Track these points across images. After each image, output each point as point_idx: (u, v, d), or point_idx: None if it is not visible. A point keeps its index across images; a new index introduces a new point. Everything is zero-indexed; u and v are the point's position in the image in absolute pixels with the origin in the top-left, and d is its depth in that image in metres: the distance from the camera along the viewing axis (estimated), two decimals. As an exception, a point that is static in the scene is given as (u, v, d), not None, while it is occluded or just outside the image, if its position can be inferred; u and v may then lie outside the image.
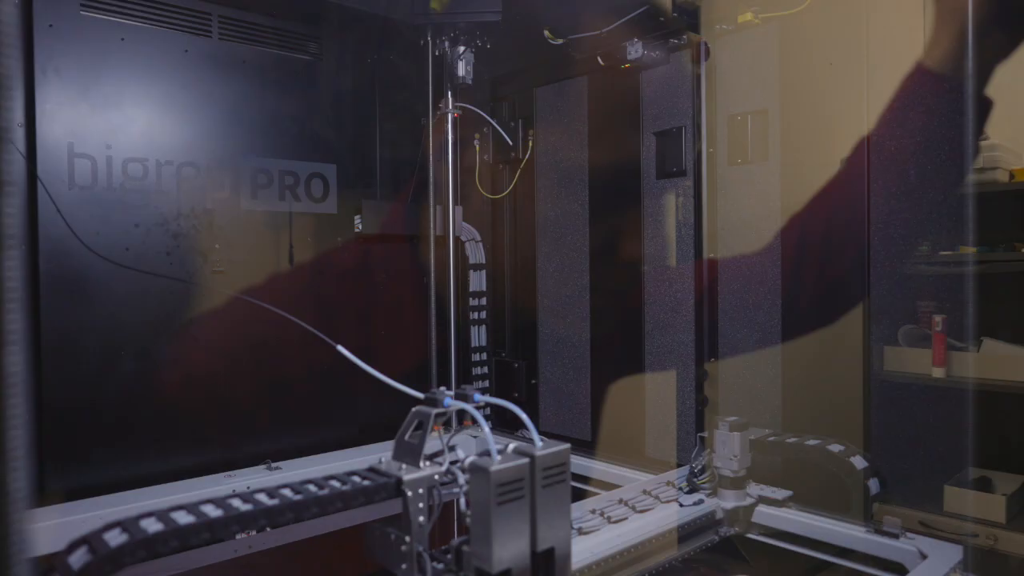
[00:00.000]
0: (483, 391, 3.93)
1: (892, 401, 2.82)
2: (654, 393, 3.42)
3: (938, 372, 2.80)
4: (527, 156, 4.03)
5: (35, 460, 2.60)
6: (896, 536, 2.40)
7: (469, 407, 1.98)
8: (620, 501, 2.64)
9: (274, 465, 3.17)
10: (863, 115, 2.81)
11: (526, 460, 1.80)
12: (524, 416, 2.00)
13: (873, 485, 2.65)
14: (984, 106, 2.76)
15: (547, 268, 3.97)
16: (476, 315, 4.12)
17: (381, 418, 3.69)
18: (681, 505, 2.65)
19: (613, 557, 2.30)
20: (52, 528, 2.49)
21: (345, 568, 2.08)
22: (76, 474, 2.82)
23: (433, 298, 3.85)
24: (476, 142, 4.15)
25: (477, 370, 4.13)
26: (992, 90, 2.74)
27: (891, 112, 2.77)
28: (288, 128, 3.46)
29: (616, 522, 2.46)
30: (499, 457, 1.80)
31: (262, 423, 3.34)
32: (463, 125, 3.97)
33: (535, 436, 1.95)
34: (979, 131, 2.81)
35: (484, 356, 4.15)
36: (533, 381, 4.01)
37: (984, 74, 2.69)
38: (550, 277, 3.95)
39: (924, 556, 2.29)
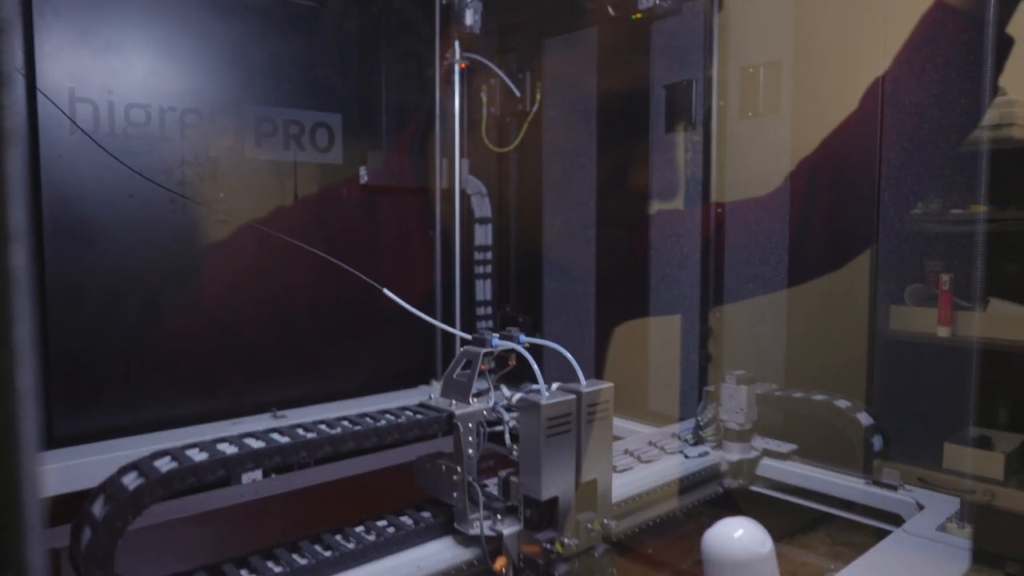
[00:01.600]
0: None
1: (896, 359, 2.82)
2: (658, 348, 3.43)
3: (943, 331, 2.79)
4: (535, 109, 3.97)
5: (44, 404, 2.64)
6: (895, 488, 2.43)
7: (517, 346, 1.99)
8: (626, 452, 2.66)
9: (280, 413, 3.21)
10: (879, 58, 2.73)
11: (573, 396, 1.88)
12: (570, 356, 2.03)
13: (876, 442, 2.67)
14: (1005, 45, 2.68)
15: (553, 222, 3.95)
16: (481, 269, 4.11)
17: (387, 369, 3.72)
18: (686, 457, 2.68)
19: (617, 505, 2.32)
20: (62, 470, 2.54)
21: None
22: (84, 419, 2.86)
23: (439, 251, 3.85)
24: (483, 94, 4.09)
25: (482, 324, 4.15)
26: (1014, 28, 2.64)
27: (908, 51, 2.70)
28: (292, 76, 3.41)
29: (621, 471, 2.48)
30: (547, 393, 1.86)
31: (268, 372, 3.36)
32: (470, 76, 3.90)
33: (580, 376, 1.96)
34: (997, 75, 2.74)
35: (489, 310, 4.15)
36: (537, 334, 4.03)
37: (1007, 11, 2.60)
38: (556, 232, 3.93)
39: (921, 507, 2.32)
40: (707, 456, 2.71)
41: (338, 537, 1.86)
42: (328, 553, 1.78)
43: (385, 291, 2.15)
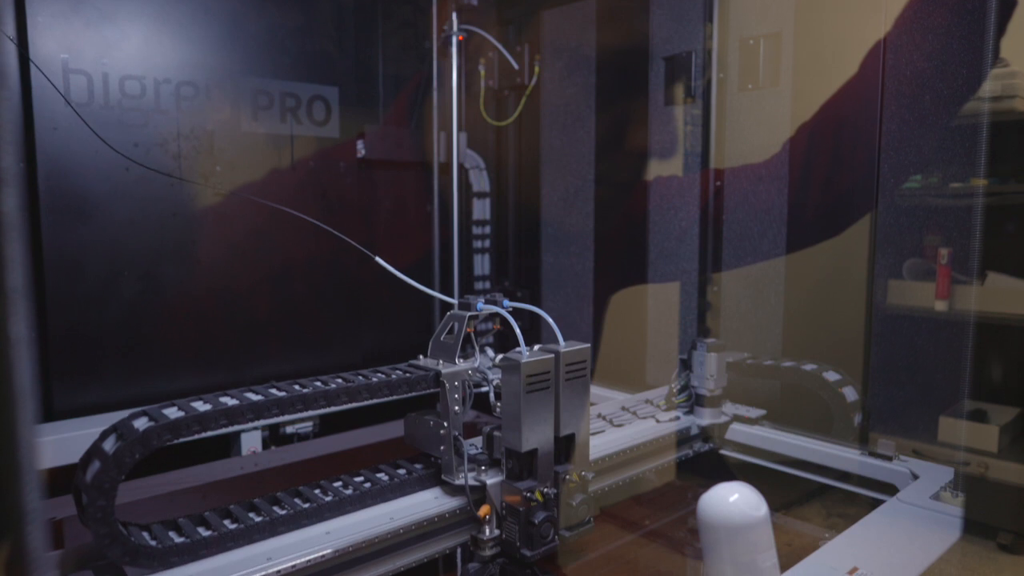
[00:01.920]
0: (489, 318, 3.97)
1: (893, 334, 2.83)
2: (656, 322, 3.44)
3: (941, 305, 2.79)
4: (533, 82, 3.93)
5: (43, 378, 2.64)
6: (889, 458, 2.45)
7: (500, 310, 2.10)
8: (599, 416, 2.73)
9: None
10: (880, 24, 2.70)
11: (551, 355, 1.99)
12: (549, 319, 2.15)
13: (857, 418, 2.72)
14: (1008, 5, 2.65)
15: (552, 197, 3.93)
16: (480, 243, 4.11)
17: (387, 343, 3.73)
18: (658, 421, 2.72)
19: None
20: (61, 442, 2.55)
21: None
22: (84, 393, 2.87)
23: (437, 226, 3.83)
24: (481, 67, 4.05)
25: (480, 299, 4.15)
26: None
27: (909, 16, 2.66)
28: (289, 48, 3.37)
29: (594, 434, 2.55)
30: (527, 353, 1.96)
31: (268, 344, 3.37)
32: (467, 49, 3.86)
33: (559, 336, 2.07)
34: (999, 37, 2.70)
35: (487, 284, 4.15)
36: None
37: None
38: (554, 206, 3.92)
39: (916, 477, 2.34)
40: (678, 421, 2.77)
41: (337, 484, 1.98)
42: (328, 498, 1.89)
43: (377, 259, 2.22)
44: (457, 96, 3.76)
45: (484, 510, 1.98)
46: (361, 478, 2.05)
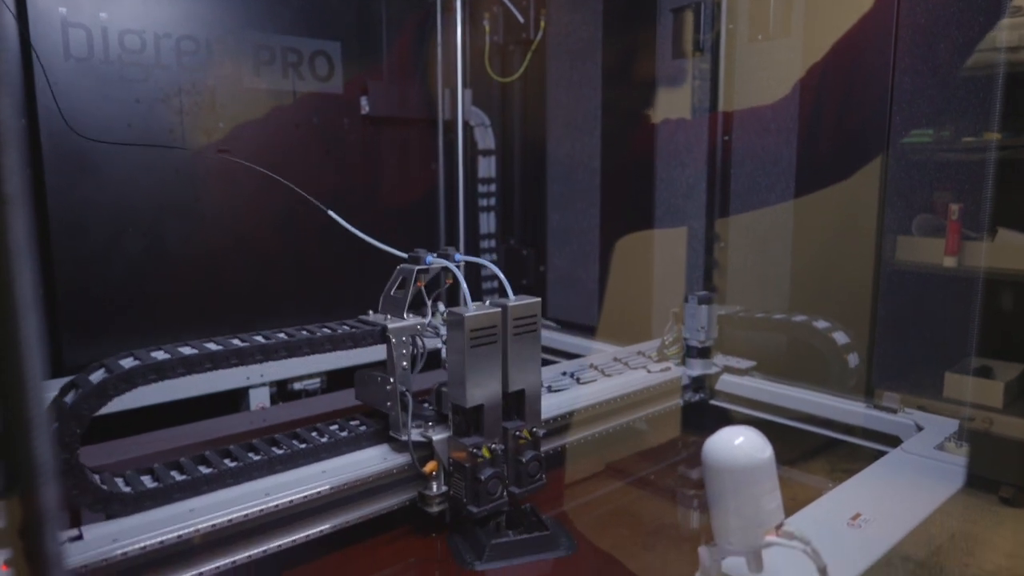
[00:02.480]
0: (490, 278, 3.96)
1: (900, 290, 2.81)
2: (662, 279, 3.43)
3: (950, 261, 2.77)
4: (539, 37, 3.86)
5: (52, 334, 2.66)
6: (894, 411, 2.46)
7: (449, 264, 2.07)
8: (591, 366, 2.76)
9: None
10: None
11: (498, 309, 1.97)
12: (499, 272, 2.13)
13: (852, 359, 2.72)
14: None
15: (557, 154, 3.89)
16: (485, 202, 4.08)
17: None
18: (649, 372, 2.74)
19: (579, 412, 2.44)
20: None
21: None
22: (92, 348, 2.89)
23: (442, 184, 3.81)
24: (485, 21, 3.97)
25: (487, 257, 4.14)
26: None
27: None
28: (290, 1, 3.31)
29: (585, 383, 2.58)
30: (474, 307, 1.94)
31: (273, 300, 3.38)
32: (472, 2, 3.79)
33: (508, 291, 2.05)
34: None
35: (493, 243, 4.14)
36: (541, 268, 4.02)
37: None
38: (560, 163, 3.88)
39: (920, 428, 2.35)
40: (669, 371, 2.78)
41: (294, 441, 1.99)
42: (279, 451, 1.92)
43: (330, 213, 2.20)
44: (461, 52, 3.70)
45: (430, 466, 1.97)
46: (315, 432, 2.06)
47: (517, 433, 1.99)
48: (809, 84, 2.92)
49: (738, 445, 1.27)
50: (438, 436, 2.00)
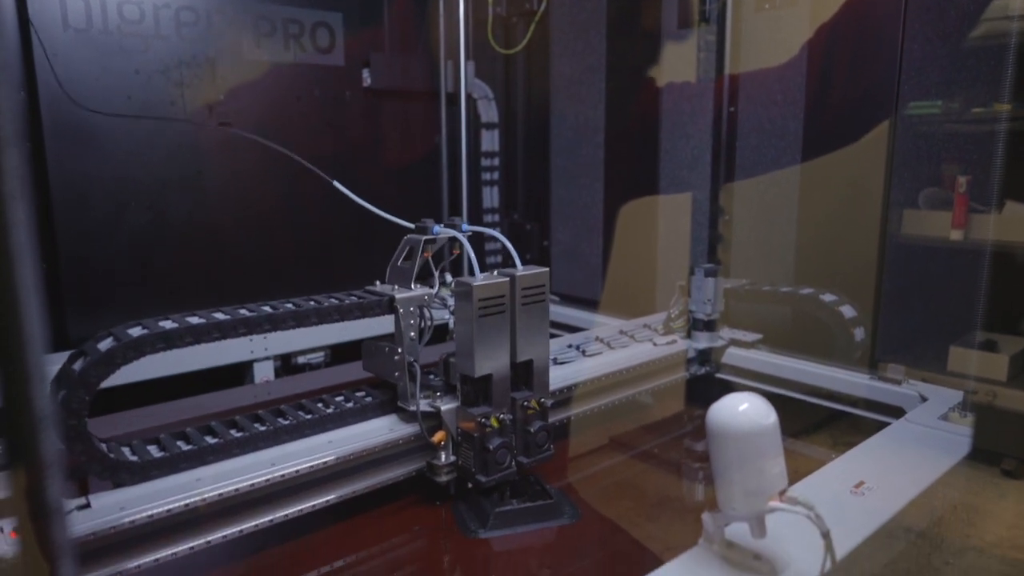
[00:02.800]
0: (495, 252, 3.95)
1: (906, 264, 2.80)
2: (666, 252, 3.41)
3: (956, 235, 2.74)
4: (542, 8, 3.81)
5: (57, 308, 2.66)
6: (898, 382, 2.46)
7: (457, 234, 2.06)
8: (597, 339, 2.75)
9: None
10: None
11: (506, 279, 1.95)
12: (506, 241, 2.13)
13: (859, 333, 2.72)
14: None
15: (561, 127, 3.86)
16: (488, 175, 4.05)
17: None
18: (655, 344, 2.73)
19: (584, 384, 2.43)
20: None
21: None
22: (97, 322, 2.89)
23: (445, 157, 3.78)
24: (489, -8, 3.92)
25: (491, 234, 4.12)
26: None
27: None
28: (290, -30, 3.27)
29: (591, 355, 2.58)
30: (482, 277, 1.93)
31: (277, 272, 3.37)
32: (475, -28, 3.73)
33: (516, 260, 2.04)
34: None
35: (496, 218, 4.12)
36: (545, 243, 4.01)
37: None
38: (564, 136, 3.85)
39: (924, 399, 2.35)
40: (675, 344, 2.77)
41: (300, 412, 2.00)
42: (286, 421, 1.92)
43: (335, 184, 2.17)
44: (464, 23, 3.65)
45: (439, 436, 1.97)
46: (322, 404, 2.06)
47: (525, 403, 1.98)
48: (816, 54, 2.88)
49: (743, 411, 1.26)
50: (446, 406, 2.00)
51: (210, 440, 1.82)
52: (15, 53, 2.65)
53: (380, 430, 1.99)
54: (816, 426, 2.68)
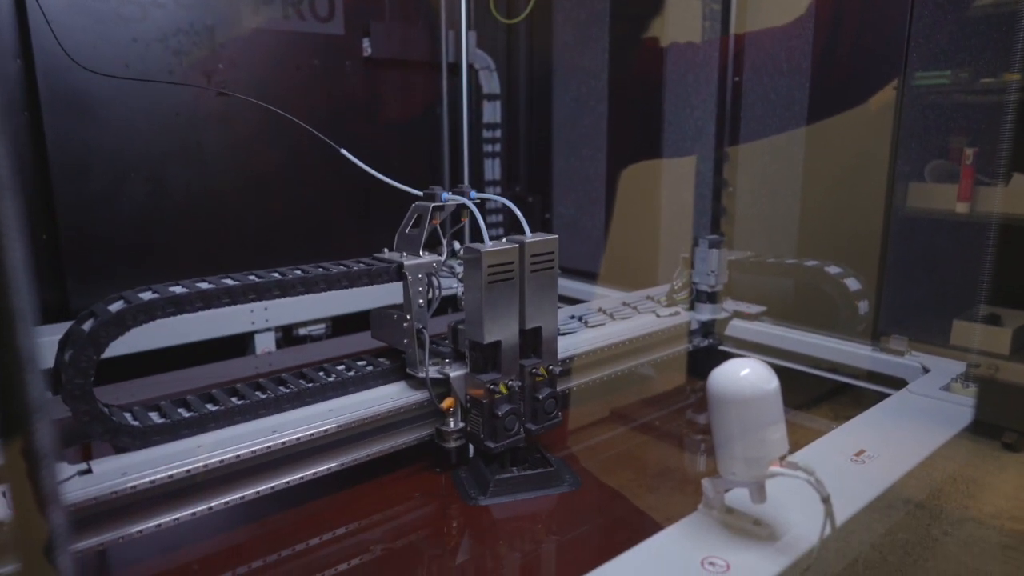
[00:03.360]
0: (497, 225, 3.93)
1: (910, 237, 2.77)
2: (669, 224, 3.39)
3: (962, 208, 2.72)
4: (545, -24, 3.75)
5: (58, 279, 2.65)
6: (901, 354, 2.45)
7: (466, 200, 2.04)
8: (599, 310, 2.74)
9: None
10: None
11: (516, 245, 1.93)
12: (515, 208, 2.10)
13: (863, 307, 2.70)
14: None
15: (564, 98, 3.81)
16: (490, 148, 4.01)
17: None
18: (658, 316, 2.73)
19: (586, 354, 2.43)
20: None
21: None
22: (99, 293, 2.88)
23: (446, 129, 3.74)
24: (490, -41, 3.85)
25: (491, 204, 4.10)
26: None
27: None
28: (287, -64, 3.21)
29: (593, 326, 2.57)
30: (492, 243, 1.91)
31: (278, 242, 3.36)
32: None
33: (526, 227, 2.02)
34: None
35: (498, 190, 4.09)
36: (547, 215, 3.99)
37: None
38: (567, 107, 3.80)
39: (926, 370, 2.34)
40: (678, 316, 2.77)
41: (301, 381, 1.99)
42: (290, 389, 1.92)
43: (342, 151, 2.15)
44: (466, -9, 3.59)
45: (448, 403, 1.98)
46: (322, 373, 2.06)
47: (534, 370, 1.98)
48: (823, 21, 2.83)
49: (744, 376, 1.26)
50: (455, 373, 2.00)
51: (211, 407, 1.82)
52: (10, 21, 2.61)
53: (384, 398, 1.99)
54: (818, 399, 2.68)
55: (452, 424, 2.01)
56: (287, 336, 3.23)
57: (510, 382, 1.93)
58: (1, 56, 2.62)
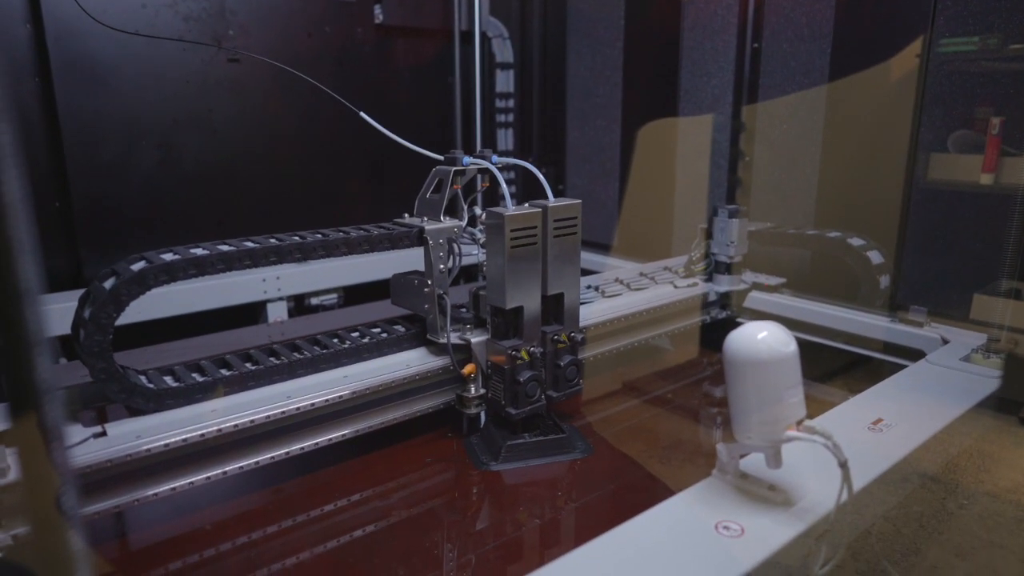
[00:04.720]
0: (512, 196, 3.90)
1: (932, 208, 2.72)
2: (684, 195, 3.34)
3: (986, 179, 2.65)
4: (560, -59, 3.67)
5: (71, 247, 2.65)
6: (920, 325, 2.41)
7: (488, 164, 2.01)
8: (617, 280, 2.71)
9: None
10: None
11: (539, 209, 1.90)
12: (539, 173, 2.07)
13: (884, 280, 2.67)
14: None
15: (578, 67, 3.75)
16: (503, 117, 3.97)
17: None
18: (675, 287, 2.70)
19: (603, 324, 2.40)
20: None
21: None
22: (111, 260, 2.89)
23: (459, 98, 3.70)
24: (504, -76, 3.77)
25: (504, 175, 4.06)
26: None
27: None
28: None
29: (610, 296, 2.54)
30: (514, 207, 1.88)
31: (291, 210, 3.35)
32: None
33: (549, 193, 1.99)
34: None
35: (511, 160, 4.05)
36: (561, 187, 3.95)
37: None
38: (581, 76, 3.74)
39: (946, 341, 2.31)
40: (696, 287, 2.73)
41: (315, 347, 1.99)
42: (305, 355, 1.92)
43: (361, 114, 2.12)
44: (479, -43, 3.53)
45: (469, 368, 1.96)
46: (336, 340, 2.05)
47: (556, 337, 1.95)
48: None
49: (762, 339, 1.23)
50: (476, 339, 1.98)
51: (225, 372, 1.82)
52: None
53: (400, 364, 1.98)
54: (836, 371, 2.65)
55: (473, 390, 2.00)
56: (299, 306, 3.23)
57: (532, 348, 1.91)
58: (11, 21, 2.60)
